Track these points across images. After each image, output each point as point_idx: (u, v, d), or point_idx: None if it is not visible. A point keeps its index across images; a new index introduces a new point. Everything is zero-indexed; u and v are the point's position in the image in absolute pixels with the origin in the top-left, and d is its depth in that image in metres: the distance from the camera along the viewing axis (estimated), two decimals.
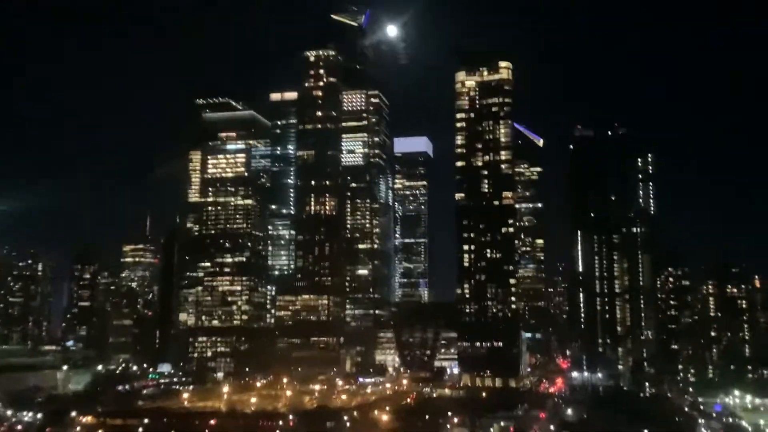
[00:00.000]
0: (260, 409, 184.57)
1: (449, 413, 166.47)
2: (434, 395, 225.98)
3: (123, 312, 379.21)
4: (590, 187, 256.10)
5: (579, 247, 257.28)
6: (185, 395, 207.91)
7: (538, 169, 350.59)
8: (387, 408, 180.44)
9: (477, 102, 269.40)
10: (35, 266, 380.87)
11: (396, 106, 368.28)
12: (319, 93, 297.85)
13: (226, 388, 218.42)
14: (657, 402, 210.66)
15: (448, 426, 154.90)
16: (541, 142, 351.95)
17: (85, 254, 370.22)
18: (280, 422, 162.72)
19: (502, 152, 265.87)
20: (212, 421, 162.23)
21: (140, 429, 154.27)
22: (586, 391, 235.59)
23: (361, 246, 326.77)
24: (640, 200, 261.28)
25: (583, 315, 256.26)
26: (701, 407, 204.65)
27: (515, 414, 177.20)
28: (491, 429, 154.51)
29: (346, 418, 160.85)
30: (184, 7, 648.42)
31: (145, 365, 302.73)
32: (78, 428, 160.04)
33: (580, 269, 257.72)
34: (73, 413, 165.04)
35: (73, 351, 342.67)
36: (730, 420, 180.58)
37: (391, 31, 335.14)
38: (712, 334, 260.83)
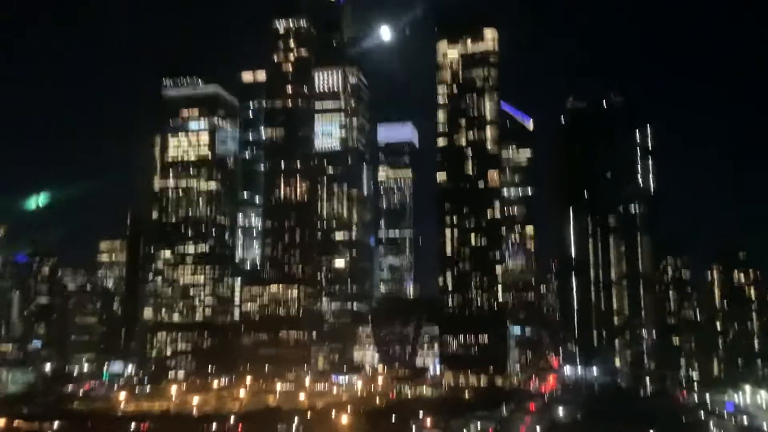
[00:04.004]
0: (207, 411, 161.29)
1: (421, 414, 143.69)
2: (410, 395, 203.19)
3: (88, 309, 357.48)
4: (584, 164, 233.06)
5: (571, 230, 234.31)
6: (124, 396, 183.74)
7: (528, 152, 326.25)
8: (355, 409, 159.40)
9: (460, 75, 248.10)
10: None
11: (379, 90, 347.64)
12: (289, 67, 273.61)
13: (174, 389, 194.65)
14: (659, 401, 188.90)
15: (415, 428, 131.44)
16: (531, 124, 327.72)
17: (43, 248, 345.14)
18: (224, 425, 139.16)
19: (488, 129, 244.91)
20: (143, 425, 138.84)
21: None
22: (580, 389, 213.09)
23: (337, 236, 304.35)
24: (639, 177, 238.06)
25: (576, 305, 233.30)
26: (709, 406, 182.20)
27: (498, 415, 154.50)
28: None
29: (298, 421, 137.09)
30: None
31: (105, 364, 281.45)
32: None
33: (573, 254, 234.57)
34: None
35: (31, 351, 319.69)
36: (746, 420, 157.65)
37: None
38: (718, 325, 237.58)
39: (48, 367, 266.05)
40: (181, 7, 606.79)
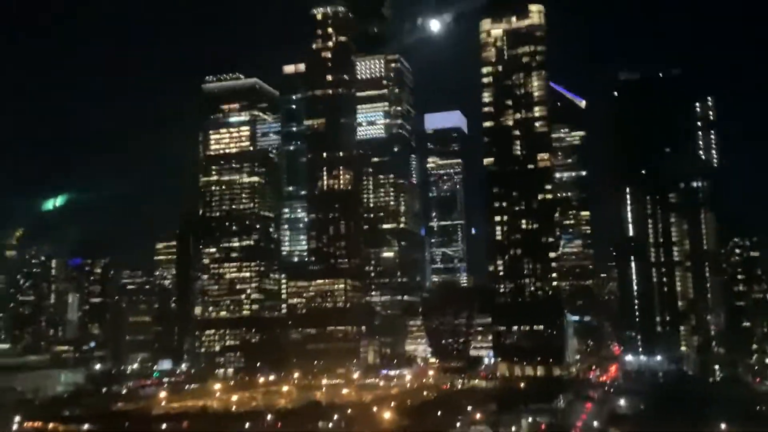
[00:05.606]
0: (247, 408, 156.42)
1: (470, 408, 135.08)
2: (461, 387, 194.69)
3: (141, 309, 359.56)
4: (639, 139, 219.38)
5: (629, 210, 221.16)
6: (166, 394, 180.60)
7: (581, 132, 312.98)
8: (401, 402, 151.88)
9: (505, 53, 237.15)
10: (48, 263, 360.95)
11: (424, 77, 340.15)
12: (329, 54, 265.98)
13: (218, 386, 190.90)
14: (730, 388, 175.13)
15: (459, 424, 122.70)
16: (583, 104, 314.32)
17: (93, 248, 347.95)
18: (263, 422, 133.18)
19: (536, 108, 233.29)
20: (182, 423, 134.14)
21: None
22: (644, 378, 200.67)
23: (385, 226, 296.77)
24: (700, 151, 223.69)
25: (636, 290, 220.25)
26: None
27: (554, 407, 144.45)
28: (513, 428, 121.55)
29: (337, 417, 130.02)
30: None
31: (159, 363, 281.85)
32: None
33: (631, 235, 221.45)
34: (17, 418, 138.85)
35: (86, 351, 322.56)
36: None
37: None
38: None
39: (99, 367, 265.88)
40: (220, 3, 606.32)
